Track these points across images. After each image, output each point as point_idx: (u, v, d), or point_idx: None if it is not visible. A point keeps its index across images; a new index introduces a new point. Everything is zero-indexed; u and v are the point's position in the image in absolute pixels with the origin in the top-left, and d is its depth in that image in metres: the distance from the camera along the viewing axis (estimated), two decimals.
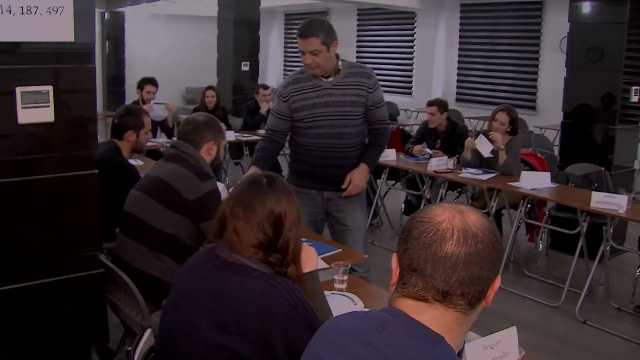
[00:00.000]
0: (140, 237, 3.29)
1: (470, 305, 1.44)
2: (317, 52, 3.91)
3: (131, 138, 4.37)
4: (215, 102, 8.80)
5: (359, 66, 4.23)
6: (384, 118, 4.29)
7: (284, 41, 21.27)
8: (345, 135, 4.14)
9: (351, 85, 4.10)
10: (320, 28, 3.93)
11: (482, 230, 1.44)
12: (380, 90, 4.22)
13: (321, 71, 4.04)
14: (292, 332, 2.00)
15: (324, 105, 4.09)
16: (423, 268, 1.42)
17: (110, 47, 17.32)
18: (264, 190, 2.16)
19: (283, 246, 2.13)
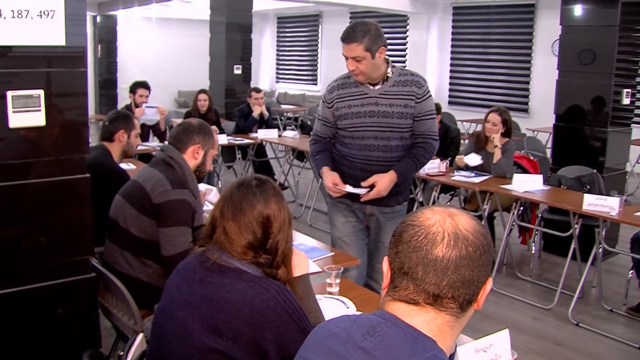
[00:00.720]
0: (122, 243, 3.30)
1: (462, 309, 1.44)
2: (359, 59, 3.70)
3: (123, 138, 4.34)
4: (208, 105, 8.77)
5: (409, 74, 3.91)
6: (430, 132, 3.91)
7: (276, 44, 21.27)
8: (391, 149, 3.87)
9: (399, 95, 3.83)
10: (364, 33, 3.70)
11: (473, 233, 1.44)
12: (430, 101, 3.91)
13: (366, 78, 3.81)
14: (284, 335, 2.01)
15: (369, 115, 3.85)
16: (414, 271, 1.42)
17: (102, 50, 17.32)
18: (252, 191, 2.16)
19: (272, 247, 2.13)
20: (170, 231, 3.16)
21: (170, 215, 3.17)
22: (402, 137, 3.88)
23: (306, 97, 18.88)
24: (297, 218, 8.10)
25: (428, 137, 3.91)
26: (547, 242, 6.85)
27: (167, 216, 3.17)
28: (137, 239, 3.25)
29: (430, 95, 3.91)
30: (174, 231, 3.16)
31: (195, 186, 3.41)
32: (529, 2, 13.61)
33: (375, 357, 1.38)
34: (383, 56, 3.76)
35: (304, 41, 20.12)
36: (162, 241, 3.16)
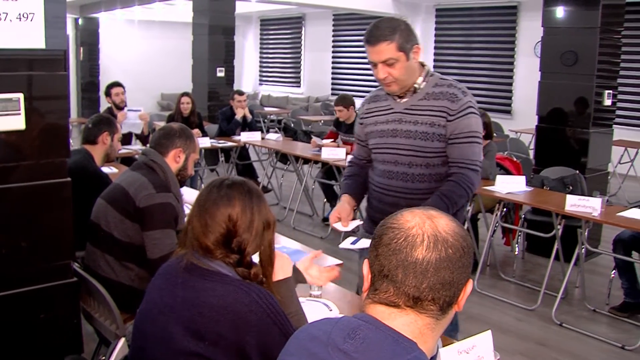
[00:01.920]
0: (104, 246, 3.29)
1: (442, 311, 1.44)
2: (392, 62, 2.99)
3: (106, 141, 4.32)
4: (191, 108, 8.75)
5: (447, 84, 3.11)
6: (465, 159, 3.06)
7: (259, 47, 21.28)
8: (412, 178, 3.14)
9: (427, 111, 3.07)
10: (393, 29, 3.01)
11: (453, 235, 1.44)
12: (470, 120, 3.05)
13: (400, 88, 3.09)
14: (266, 339, 2.01)
15: (391, 135, 3.16)
16: (394, 274, 1.42)
17: (84, 53, 17.25)
18: (219, 191, 2.16)
19: (238, 247, 2.12)
20: (155, 234, 3.16)
21: (155, 218, 3.17)
22: (428, 163, 3.10)
23: (289, 100, 18.90)
24: (280, 221, 8.08)
25: (463, 165, 3.05)
26: (531, 243, 6.87)
27: (152, 219, 3.17)
28: (119, 242, 3.24)
29: (471, 112, 3.05)
30: (159, 234, 3.16)
31: (178, 190, 3.40)
32: (511, 4, 13.68)
33: (356, 359, 1.38)
34: (418, 57, 3.09)
35: (287, 43, 20.15)
36: (147, 244, 3.16)
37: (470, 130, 3.05)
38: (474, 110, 3.08)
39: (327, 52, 18.36)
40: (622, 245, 5.23)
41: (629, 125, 11.65)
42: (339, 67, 18.24)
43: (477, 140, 3.09)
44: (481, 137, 3.13)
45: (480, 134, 3.12)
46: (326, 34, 18.32)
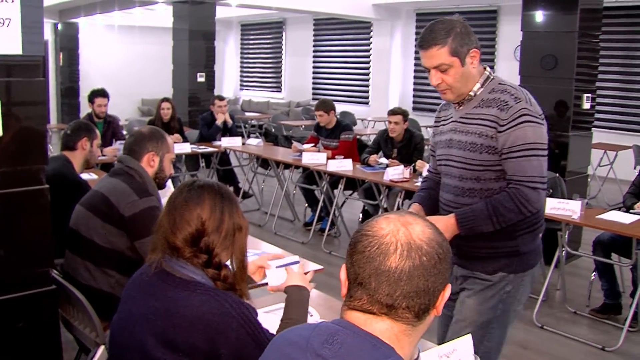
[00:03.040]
0: (84, 253, 3.26)
1: (418, 317, 1.44)
2: (445, 67, 2.77)
3: (85, 147, 4.30)
4: (171, 114, 8.71)
5: (501, 90, 2.82)
6: (521, 175, 2.71)
7: (240, 52, 21.25)
8: (462, 192, 2.89)
9: (477, 119, 2.81)
10: (447, 32, 2.78)
11: (427, 243, 1.43)
12: (523, 131, 2.70)
13: (456, 96, 2.87)
14: (240, 350, 2.01)
15: (448, 145, 2.96)
16: (367, 282, 1.42)
17: (64, 58, 17.14)
18: (189, 191, 2.17)
19: (207, 247, 2.12)
20: (148, 241, 3.14)
21: (144, 225, 3.13)
22: (479, 177, 2.82)
23: (270, 105, 18.88)
24: (261, 226, 8.08)
25: (518, 182, 2.71)
26: None
27: (141, 227, 3.14)
28: (100, 249, 3.21)
29: (526, 122, 2.71)
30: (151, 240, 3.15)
31: (157, 193, 3.38)
32: (491, 9, 13.76)
33: None
34: (476, 62, 2.86)
35: (268, 48, 20.14)
36: (143, 252, 3.13)
37: (525, 142, 2.69)
38: (532, 119, 2.72)
39: (308, 57, 18.38)
40: (601, 247, 5.26)
41: (607, 128, 11.74)
42: (319, 71, 18.26)
43: (536, 153, 2.71)
44: (544, 149, 2.75)
45: (542, 145, 2.74)
46: (307, 38, 18.33)
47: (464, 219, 2.75)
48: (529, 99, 2.79)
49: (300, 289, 2.38)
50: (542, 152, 2.73)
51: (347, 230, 7.78)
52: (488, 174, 2.79)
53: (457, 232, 2.76)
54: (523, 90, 2.85)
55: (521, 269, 2.88)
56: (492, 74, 2.92)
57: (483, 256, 2.87)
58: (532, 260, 2.92)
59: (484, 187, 2.81)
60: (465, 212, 2.77)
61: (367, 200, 7.21)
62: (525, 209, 2.71)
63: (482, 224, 2.74)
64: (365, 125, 14.91)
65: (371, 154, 7.25)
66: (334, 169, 6.96)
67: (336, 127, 7.82)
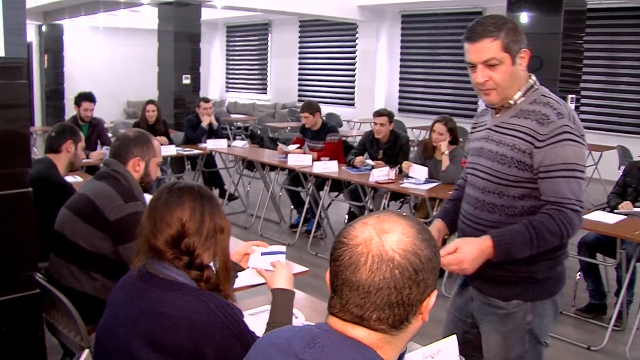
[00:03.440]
0: (68, 256, 3.24)
1: (395, 328, 1.40)
2: (495, 63, 2.52)
3: (70, 149, 4.28)
4: (156, 116, 8.69)
5: (544, 102, 2.54)
6: (564, 197, 2.45)
7: (225, 53, 21.23)
8: (482, 205, 2.66)
9: (513, 130, 2.56)
10: (499, 26, 2.52)
11: (401, 254, 1.37)
12: (563, 150, 2.45)
13: (501, 98, 2.60)
14: (225, 350, 2.01)
15: (477, 153, 2.73)
16: (340, 290, 1.40)
17: (48, 60, 17.05)
18: (170, 193, 2.17)
19: (187, 249, 2.12)
20: (132, 245, 3.12)
21: (129, 229, 3.11)
22: (502, 192, 2.58)
23: (256, 107, 18.86)
24: (247, 228, 8.07)
25: (560, 204, 2.44)
26: None
27: (126, 231, 3.11)
28: (85, 252, 3.19)
29: (568, 140, 2.45)
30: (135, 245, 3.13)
31: (142, 197, 3.37)
32: (476, 10, 13.79)
33: None
34: (525, 64, 2.60)
35: (253, 50, 20.14)
36: (126, 256, 3.11)
37: (566, 162, 2.44)
38: (574, 137, 2.46)
39: (294, 59, 18.38)
40: (586, 247, 5.28)
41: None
42: (305, 73, 18.27)
43: (576, 175, 2.46)
44: (582, 171, 2.49)
45: (582, 167, 2.49)
46: (292, 40, 18.34)
47: (502, 242, 2.43)
48: (572, 116, 2.52)
49: (286, 292, 2.37)
50: (581, 175, 2.48)
51: (333, 231, 7.77)
52: (513, 191, 2.55)
53: (491, 257, 2.44)
54: (568, 106, 2.58)
55: (538, 296, 2.64)
56: (536, 83, 2.65)
57: (500, 279, 2.62)
58: (551, 288, 2.68)
59: (506, 203, 2.58)
60: (503, 234, 2.46)
61: (353, 201, 7.20)
62: (567, 233, 2.46)
63: (520, 249, 2.44)
64: (351, 126, 14.92)
65: (357, 155, 7.26)
66: (319, 170, 6.96)
67: (321, 128, 7.82)
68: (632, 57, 11.75)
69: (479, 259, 2.41)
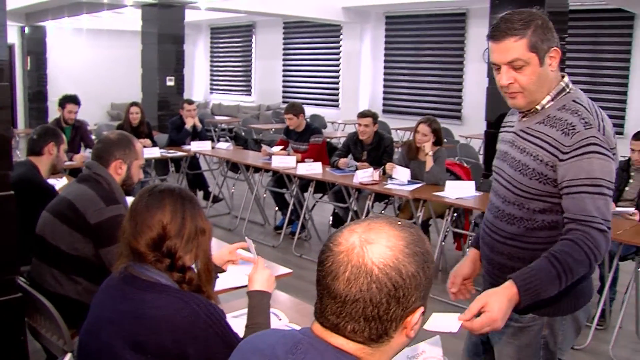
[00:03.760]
0: (50, 260, 3.22)
1: (372, 341, 1.36)
2: (520, 64, 2.31)
3: (52, 151, 4.26)
4: (140, 118, 8.65)
5: (572, 110, 2.31)
6: (589, 215, 2.20)
7: (210, 55, 21.19)
8: (502, 216, 2.48)
9: (537, 139, 2.36)
10: (526, 23, 2.31)
11: (381, 268, 1.32)
12: (589, 163, 2.21)
13: (527, 102, 2.38)
14: (208, 350, 2.01)
15: (502, 158, 2.54)
16: (321, 296, 1.38)
17: (31, 62, 16.96)
18: (150, 196, 2.17)
19: (169, 251, 2.12)
20: (113, 249, 3.11)
21: (110, 233, 3.10)
22: (522, 204, 2.40)
23: (240, 108, 18.84)
24: (232, 230, 8.07)
25: (584, 223, 2.21)
26: None
27: (107, 235, 3.10)
28: (66, 256, 3.17)
29: (594, 153, 2.22)
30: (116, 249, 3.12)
31: (124, 200, 3.35)
32: (460, 12, 13.85)
33: None
34: (555, 64, 2.35)
35: (237, 52, 20.12)
36: (107, 260, 3.10)
37: (591, 176, 2.21)
38: (601, 150, 2.22)
39: (278, 60, 18.38)
40: None
41: None
42: (289, 75, 18.27)
43: (602, 192, 2.22)
44: (610, 188, 2.26)
45: (609, 183, 2.25)
46: (276, 41, 18.33)
47: (527, 287, 2.15)
48: (603, 127, 2.28)
49: (262, 294, 2.37)
50: (608, 192, 2.24)
51: (318, 233, 7.78)
52: (534, 204, 2.36)
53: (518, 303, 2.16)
54: (601, 114, 2.34)
55: (556, 312, 2.43)
56: (569, 85, 2.40)
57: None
58: (571, 304, 2.45)
59: (526, 216, 2.39)
60: (527, 277, 2.17)
61: (337, 203, 7.21)
62: (595, 259, 2.20)
63: (548, 288, 2.18)
64: (335, 128, 14.93)
65: (341, 156, 7.26)
66: (303, 172, 6.97)
67: (305, 130, 7.82)
68: (613, 58, 11.85)
69: (508, 311, 2.14)
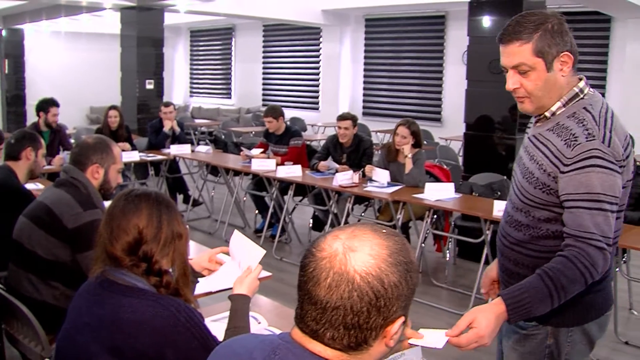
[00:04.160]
0: (27, 265, 3.19)
1: (351, 348, 1.35)
2: (525, 70, 2.26)
3: (30, 156, 4.23)
4: (119, 122, 8.58)
5: (579, 119, 2.21)
6: (586, 231, 2.11)
7: (189, 58, 21.14)
8: (511, 221, 2.43)
9: (544, 147, 2.28)
10: (535, 26, 2.24)
11: (363, 277, 1.31)
12: (587, 178, 2.11)
13: (535, 107, 2.33)
14: (186, 354, 2.00)
15: (517, 162, 2.48)
16: (302, 301, 1.38)
17: (9, 65, 16.83)
18: (127, 200, 2.16)
19: (145, 255, 2.11)
20: (91, 254, 3.08)
21: (87, 238, 3.08)
22: (528, 212, 2.33)
23: (220, 111, 18.80)
24: (212, 234, 8.05)
25: (580, 239, 2.12)
26: (461, 249, 6.96)
27: (84, 240, 3.08)
28: (44, 261, 3.15)
29: (594, 166, 2.11)
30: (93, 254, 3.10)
31: (102, 204, 3.33)
32: (439, 14, 13.91)
33: None
34: (567, 69, 2.26)
35: (217, 55, 20.08)
36: (85, 265, 3.08)
37: (590, 191, 2.11)
38: (602, 164, 2.11)
39: (258, 63, 18.36)
40: None
41: None
42: (269, 77, 18.26)
43: (603, 207, 2.11)
44: (613, 203, 2.14)
45: (612, 198, 2.13)
46: (256, 44, 18.31)
47: (517, 305, 2.10)
48: (609, 138, 2.15)
49: (243, 297, 2.37)
50: (611, 207, 2.13)
51: (298, 236, 7.78)
52: (539, 213, 2.29)
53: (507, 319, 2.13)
54: (611, 124, 2.20)
55: (560, 322, 2.34)
56: (584, 90, 2.28)
57: None
58: (578, 316, 2.34)
59: (531, 224, 2.32)
60: (517, 295, 2.11)
61: (317, 205, 7.21)
62: (591, 277, 2.11)
63: (539, 306, 2.11)
64: (315, 130, 14.94)
65: (320, 159, 7.26)
66: (283, 175, 6.96)
67: (285, 133, 7.81)
68: (591, 60, 11.94)
69: (496, 328, 2.12)
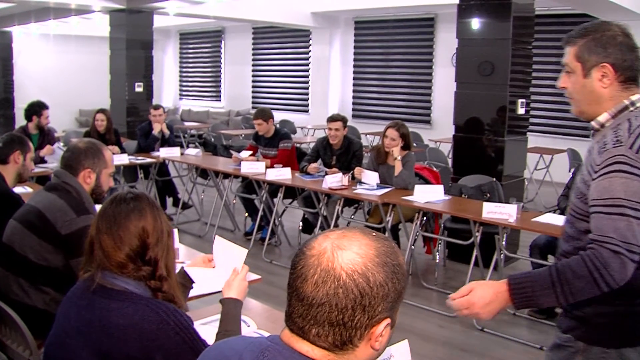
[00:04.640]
0: (17, 269, 3.17)
1: (336, 347, 1.36)
2: (568, 70, 2.34)
3: (18, 160, 4.21)
4: (106, 125, 8.53)
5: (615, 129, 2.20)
6: (604, 235, 2.08)
7: (179, 61, 21.10)
8: (564, 235, 2.42)
9: (590, 157, 2.29)
10: (586, 31, 2.29)
11: (349, 275, 1.33)
12: (610, 183, 2.11)
13: (579, 111, 2.38)
14: (174, 357, 2.00)
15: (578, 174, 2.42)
16: (290, 299, 1.39)
17: None
18: (126, 204, 2.16)
19: (151, 259, 2.12)
20: None
21: (81, 243, 3.06)
22: (573, 224, 2.34)
23: (210, 114, 18.77)
24: (201, 237, 8.05)
25: (598, 242, 2.09)
26: (451, 251, 6.97)
27: (78, 246, 3.06)
28: (34, 266, 3.13)
29: (617, 172, 2.10)
30: None
31: (94, 209, 3.31)
32: (428, 16, 13.94)
33: None
34: (609, 81, 2.25)
35: (207, 57, 20.05)
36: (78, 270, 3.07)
37: (613, 197, 2.09)
38: (626, 169, 2.10)
39: (247, 66, 18.35)
40: (538, 250, 5.36)
41: (543, 132, 11.99)
42: (259, 80, 18.25)
43: (625, 212, 2.07)
44: (637, 209, 2.07)
45: (636, 204, 2.07)
46: (246, 47, 18.30)
47: (518, 287, 2.16)
48: (638, 145, 2.12)
49: (235, 301, 2.36)
50: (635, 213, 2.07)
51: (288, 239, 7.78)
52: (580, 224, 2.28)
53: (511, 303, 2.18)
54: None
55: (594, 341, 2.28)
56: (635, 103, 2.25)
57: (564, 307, 2.35)
58: (613, 337, 2.27)
59: (575, 235, 2.31)
60: (522, 279, 2.18)
61: (307, 208, 7.20)
62: (602, 279, 2.05)
63: (542, 295, 2.13)
64: (305, 133, 14.94)
65: (310, 162, 7.27)
66: (272, 177, 6.95)
67: (275, 135, 7.80)
68: None
69: (492, 304, 2.18)
